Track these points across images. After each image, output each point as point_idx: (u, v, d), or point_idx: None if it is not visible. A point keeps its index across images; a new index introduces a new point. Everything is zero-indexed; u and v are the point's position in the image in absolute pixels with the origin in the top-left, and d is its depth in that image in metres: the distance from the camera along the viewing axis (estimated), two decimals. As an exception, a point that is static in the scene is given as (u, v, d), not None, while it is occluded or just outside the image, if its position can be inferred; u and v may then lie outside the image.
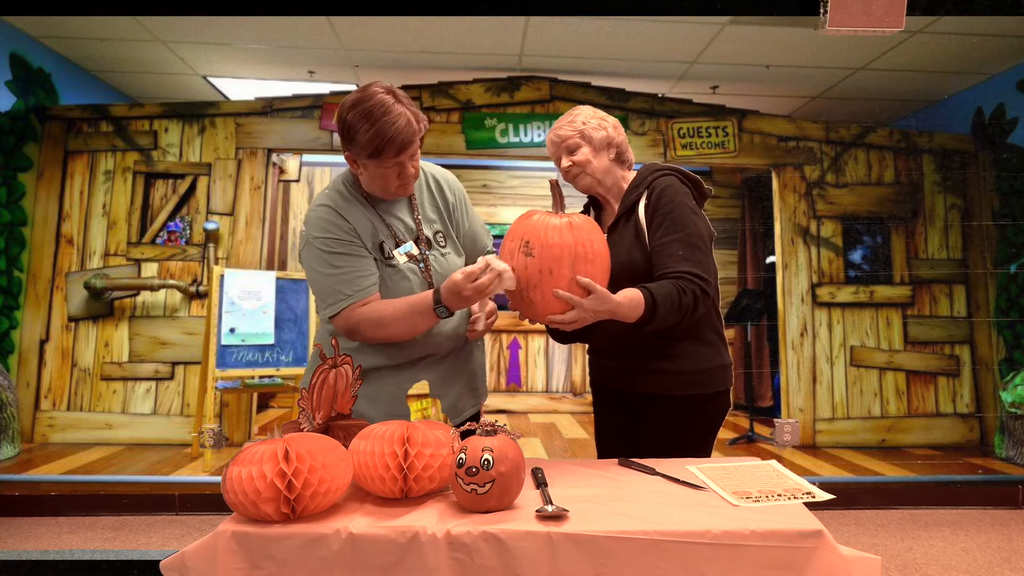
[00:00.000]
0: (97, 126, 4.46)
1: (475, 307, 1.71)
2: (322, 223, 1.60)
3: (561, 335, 1.81)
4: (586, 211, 1.89)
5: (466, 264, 1.73)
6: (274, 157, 4.77)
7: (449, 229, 1.75)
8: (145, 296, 4.41)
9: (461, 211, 1.80)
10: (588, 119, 1.77)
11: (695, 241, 1.65)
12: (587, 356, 1.94)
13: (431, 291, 1.54)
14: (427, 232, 1.70)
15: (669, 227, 1.65)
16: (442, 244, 1.72)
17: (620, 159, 1.80)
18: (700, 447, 1.73)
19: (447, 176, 1.81)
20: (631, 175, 1.81)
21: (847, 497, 3.69)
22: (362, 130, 1.51)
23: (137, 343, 4.39)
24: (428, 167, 1.79)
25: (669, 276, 1.60)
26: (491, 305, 1.75)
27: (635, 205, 1.73)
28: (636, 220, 1.71)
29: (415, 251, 1.66)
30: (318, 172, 6.11)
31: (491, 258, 1.49)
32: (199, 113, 4.54)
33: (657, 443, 1.67)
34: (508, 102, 4.68)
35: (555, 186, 1.58)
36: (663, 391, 1.70)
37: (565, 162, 1.76)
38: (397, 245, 1.65)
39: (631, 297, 1.54)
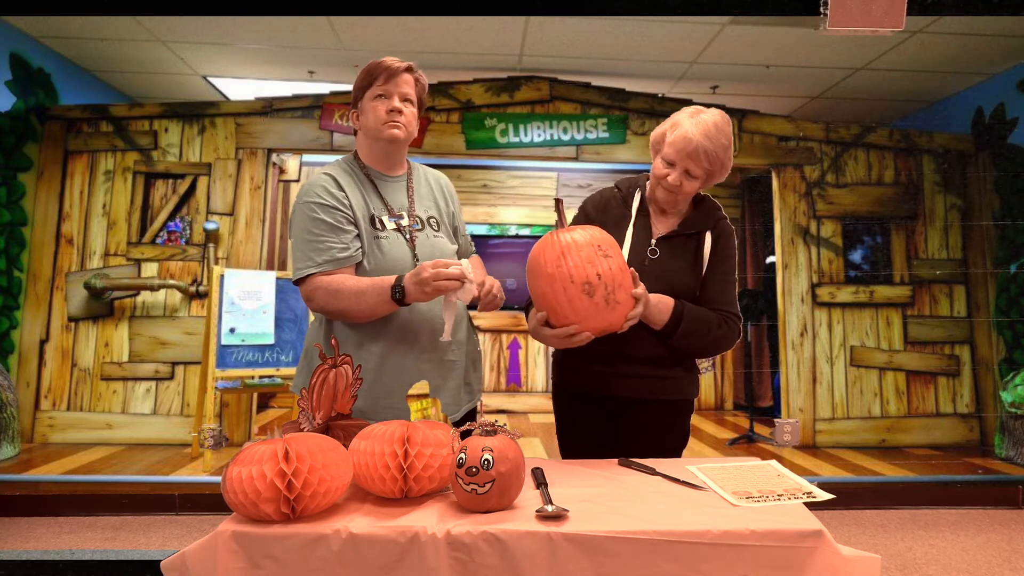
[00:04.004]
0: (97, 126, 4.46)
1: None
2: (316, 188, 1.65)
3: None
4: (627, 197, 1.79)
5: (458, 254, 1.81)
6: (274, 157, 4.77)
7: (443, 220, 1.82)
8: (145, 296, 4.41)
9: (455, 212, 1.88)
10: (730, 152, 1.66)
11: (736, 288, 1.78)
12: (552, 359, 1.88)
13: (395, 275, 1.56)
14: (421, 214, 1.75)
15: (728, 271, 1.74)
16: (435, 227, 1.77)
17: None
18: (676, 452, 1.74)
19: (445, 179, 1.89)
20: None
21: (847, 497, 3.69)
22: (362, 73, 1.68)
23: (137, 343, 4.39)
24: (428, 169, 1.86)
25: (718, 311, 1.69)
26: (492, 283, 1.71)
27: (699, 235, 1.73)
28: (699, 249, 1.73)
29: (405, 223, 1.70)
30: (317, 170, 6.11)
31: (465, 263, 1.51)
32: (199, 113, 4.54)
33: (635, 448, 1.65)
34: (508, 102, 4.69)
35: (559, 203, 1.62)
36: (643, 395, 1.69)
37: (674, 179, 1.64)
38: (390, 217, 1.69)
39: (660, 298, 1.62)
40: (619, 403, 1.72)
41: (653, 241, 1.73)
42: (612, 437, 1.74)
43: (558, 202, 1.60)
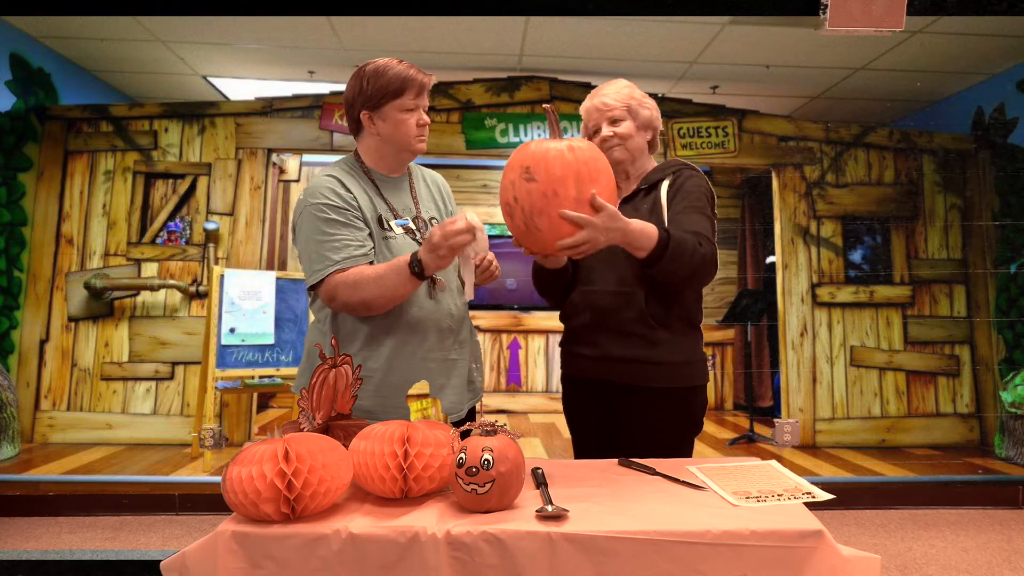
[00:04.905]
0: (97, 126, 4.46)
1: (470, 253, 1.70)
2: (322, 190, 1.63)
3: (545, 285, 1.80)
4: None
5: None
6: (274, 157, 4.77)
7: (443, 220, 1.81)
8: (145, 296, 4.41)
9: (453, 211, 1.88)
10: (634, 93, 1.77)
11: (711, 223, 1.68)
12: (559, 348, 1.90)
13: (406, 257, 1.55)
14: (424, 215, 1.76)
15: (691, 204, 1.67)
16: None
17: (651, 144, 1.83)
18: (680, 445, 1.72)
19: (440, 178, 1.90)
20: (654, 164, 1.83)
21: (847, 497, 3.69)
22: (380, 79, 1.62)
23: (137, 343, 4.39)
24: (424, 169, 1.87)
25: (686, 232, 1.61)
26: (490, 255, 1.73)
27: (658, 183, 1.74)
28: (657, 196, 1.72)
29: (412, 226, 1.70)
30: (318, 172, 6.10)
31: (469, 213, 1.50)
32: (199, 113, 4.54)
33: (636, 438, 1.65)
34: (508, 102, 4.69)
35: (551, 113, 1.52)
36: (642, 382, 1.68)
37: (606, 130, 1.74)
38: (395, 218, 1.69)
39: (645, 225, 1.52)
40: (614, 390, 1.71)
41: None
42: (612, 427, 1.74)
43: (548, 110, 1.52)
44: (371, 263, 1.62)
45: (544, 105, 1.54)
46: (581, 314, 1.77)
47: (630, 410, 1.71)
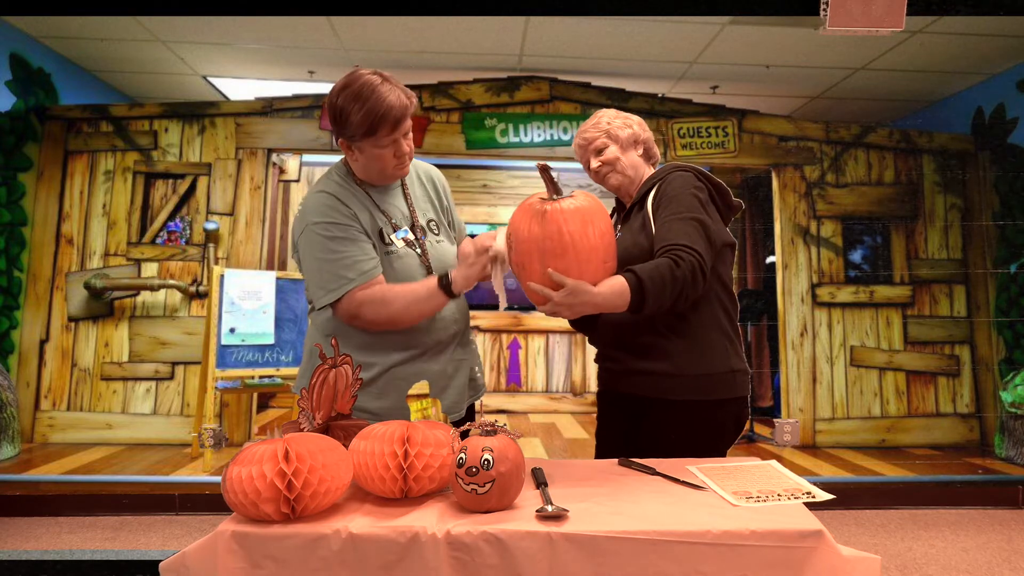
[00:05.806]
0: (97, 126, 4.46)
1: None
2: (321, 208, 1.61)
3: (574, 322, 1.83)
4: (612, 214, 1.88)
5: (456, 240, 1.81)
6: (274, 157, 4.77)
7: (442, 219, 1.81)
8: (145, 296, 4.41)
9: (449, 205, 1.86)
10: (612, 119, 1.80)
11: (697, 217, 1.60)
12: (596, 363, 1.91)
13: (435, 276, 1.59)
14: (421, 220, 1.74)
15: (670, 214, 1.61)
16: (436, 231, 1.76)
17: (648, 155, 1.83)
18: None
19: (435, 171, 1.87)
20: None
21: (847, 497, 3.69)
22: (354, 110, 1.54)
23: (137, 343, 4.39)
24: (416, 163, 1.83)
25: (663, 250, 1.55)
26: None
27: (647, 195, 1.73)
28: (645, 209, 1.71)
29: (411, 236, 1.69)
30: (318, 172, 6.11)
31: (501, 233, 1.54)
32: (199, 113, 4.54)
33: (655, 452, 1.60)
34: (508, 102, 4.69)
35: (543, 170, 1.50)
36: (659, 394, 1.66)
37: (594, 163, 1.78)
38: (394, 231, 1.67)
39: (613, 285, 1.47)
40: (634, 403, 1.71)
41: (619, 226, 1.80)
42: (633, 440, 1.72)
43: (542, 168, 1.50)
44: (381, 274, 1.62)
45: (538, 163, 1.51)
46: (604, 328, 1.77)
47: (649, 423, 1.69)
